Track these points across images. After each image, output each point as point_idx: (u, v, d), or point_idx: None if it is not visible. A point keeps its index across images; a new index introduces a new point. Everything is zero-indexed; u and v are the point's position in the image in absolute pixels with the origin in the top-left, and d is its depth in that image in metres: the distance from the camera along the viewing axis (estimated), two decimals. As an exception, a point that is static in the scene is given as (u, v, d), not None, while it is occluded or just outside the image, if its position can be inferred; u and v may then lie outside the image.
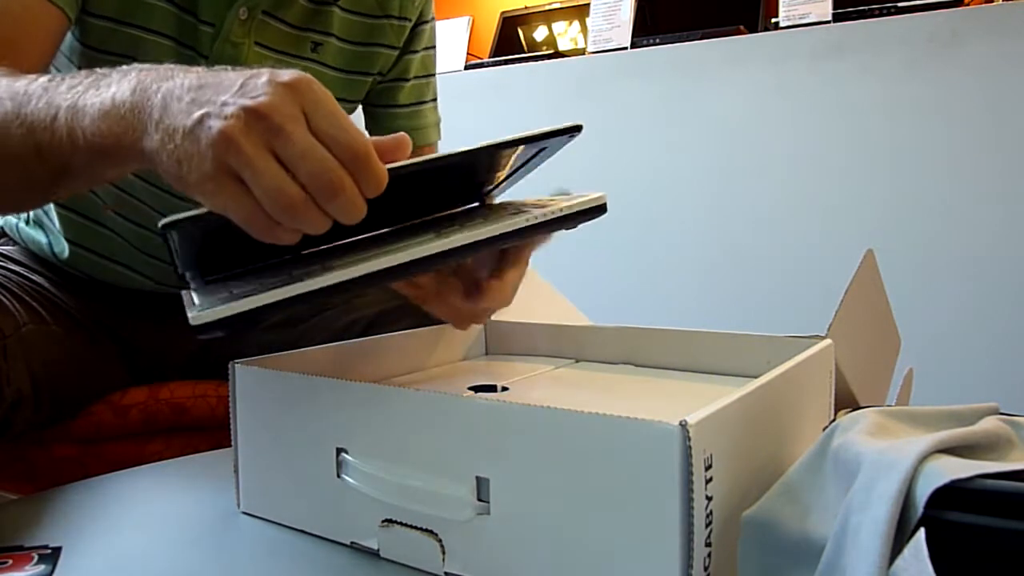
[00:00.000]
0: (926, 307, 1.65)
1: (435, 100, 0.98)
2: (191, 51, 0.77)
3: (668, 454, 0.38)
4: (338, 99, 0.88)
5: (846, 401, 0.65)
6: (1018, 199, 1.61)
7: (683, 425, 0.38)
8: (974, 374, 1.63)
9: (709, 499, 0.40)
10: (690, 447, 0.38)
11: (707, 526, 0.40)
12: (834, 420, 0.45)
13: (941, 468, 0.35)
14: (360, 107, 0.95)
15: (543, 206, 0.53)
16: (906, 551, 0.33)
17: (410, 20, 0.90)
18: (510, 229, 0.50)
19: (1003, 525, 0.33)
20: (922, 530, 0.33)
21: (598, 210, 0.53)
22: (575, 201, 0.52)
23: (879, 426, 0.42)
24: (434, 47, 0.96)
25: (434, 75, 0.97)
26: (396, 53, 0.90)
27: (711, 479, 0.40)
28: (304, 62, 0.83)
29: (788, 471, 0.44)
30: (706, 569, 0.40)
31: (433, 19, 0.95)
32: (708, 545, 0.40)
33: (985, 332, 1.63)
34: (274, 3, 0.78)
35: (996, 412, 0.45)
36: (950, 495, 0.34)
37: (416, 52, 0.92)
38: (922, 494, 0.34)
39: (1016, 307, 1.61)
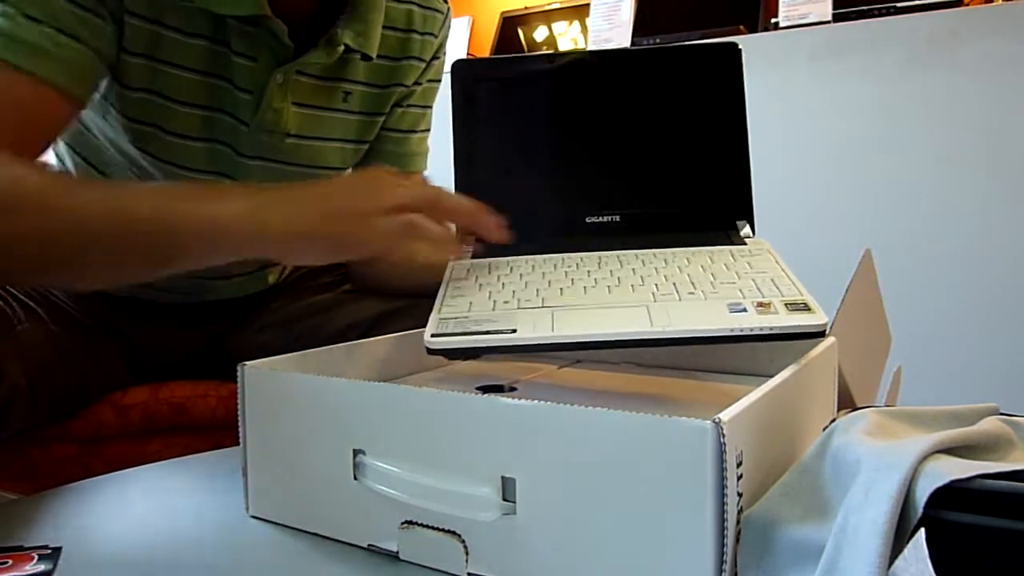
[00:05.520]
0: (925, 307, 1.65)
1: (427, 131, 0.96)
2: (230, 117, 0.77)
3: (702, 452, 0.38)
4: (356, 141, 0.89)
5: (845, 400, 0.65)
6: (1018, 199, 1.61)
7: (716, 423, 0.38)
8: (961, 372, 1.63)
9: (740, 495, 0.40)
10: (724, 444, 0.38)
11: (738, 523, 0.40)
12: (834, 420, 0.45)
13: (941, 468, 0.35)
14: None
15: (765, 305, 0.52)
16: (906, 551, 0.33)
17: (426, 60, 0.89)
18: (720, 333, 0.50)
19: (1003, 525, 0.33)
20: (922, 530, 0.34)
21: (816, 334, 0.51)
22: (797, 322, 0.50)
23: (879, 426, 0.42)
24: (439, 80, 0.94)
25: (431, 107, 0.95)
26: (406, 89, 0.89)
27: (741, 476, 0.40)
28: (337, 113, 0.83)
29: (788, 471, 0.44)
30: (736, 567, 0.40)
31: (445, 55, 0.93)
32: (738, 542, 0.40)
33: (977, 331, 1.63)
34: (308, 62, 0.77)
35: (996, 412, 0.46)
36: (950, 495, 0.34)
37: (420, 84, 0.91)
38: (922, 494, 0.34)
39: (1010, 306, 1.61)
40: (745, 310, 0.52)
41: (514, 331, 0.53)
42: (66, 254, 0.61)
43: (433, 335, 0.54)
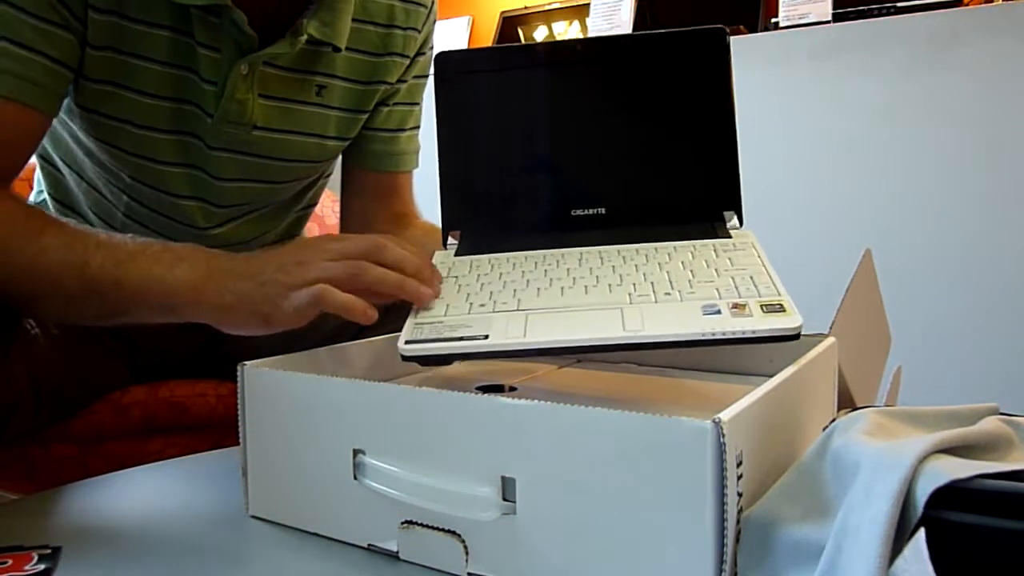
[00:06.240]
0: (925, 307, 1.65)
1: (416, 128, 0.95)
2: (197, 108, 0.77)
3: (702, 452, 0.38)
4: (336, 137, 0.87)
5: (845, 400, 0.65)
6: (1018, 199, 1.61)
7: (716, 423, 0.38)
8: (961, 372, 1.63)
9: (740, 495, 0.40)
10: (724, 444, 0.38)
11: (738, 523, 0.40)
12: (834, 420, 0.45)
13: (941, 468, 0.35)
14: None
15: (741, 307, 0.52)
16: (906, 551, 0.33)
17: (410, 56, 0.88)
18: (691, 338, 0.50)
19: (1003, 525, 0.33)
20: (922, 530, 0.34)
21: (791, 337, 0.51)
22: (770, 325, 0.50)
23: (879, 426, 0.42)
24: (426, 76, 0.92)
25: (419, 104, 0.94)
26: (391, 87, 0.88)
27: (741, 476, 0.40)
28: (309, 107, 0.82)
29: (788, 471, 0.44)
30: (736, 567, 0.40)
31: (432, 49, 0.92)
32: (739, 542, 0.40)
33: (977, 331, 1.63)
34: (272, 53, 0.76)
35: (996, 412, 0.46)
36: (950, 495, 0.34)
37: (405, 81, 0.90)
38: (922, 494, 0.34)
39: (1010, 306, 1.61)
40: (719, 312, 0.52)
41: (486, 337, 0.53)
42: (24, 296, 0.64)
43: (407, 342, 0.54)
